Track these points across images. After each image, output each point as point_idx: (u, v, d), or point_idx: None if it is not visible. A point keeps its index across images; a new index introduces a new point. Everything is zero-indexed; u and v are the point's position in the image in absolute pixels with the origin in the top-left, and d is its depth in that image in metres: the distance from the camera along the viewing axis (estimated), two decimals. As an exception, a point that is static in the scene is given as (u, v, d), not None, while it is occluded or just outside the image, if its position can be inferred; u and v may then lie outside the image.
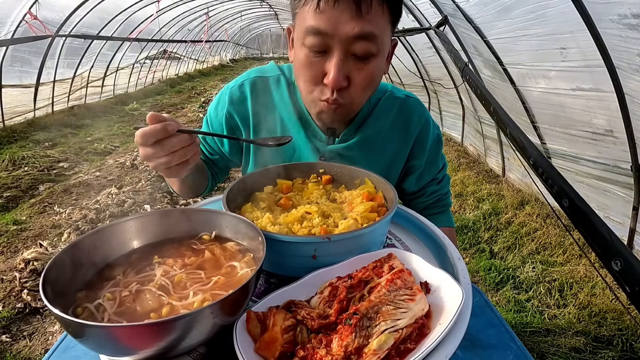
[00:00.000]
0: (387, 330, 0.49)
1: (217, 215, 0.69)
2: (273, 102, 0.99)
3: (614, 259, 0.77)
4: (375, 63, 0.78)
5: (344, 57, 0.75)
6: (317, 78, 0.79)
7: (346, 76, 0.77)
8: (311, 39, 0.74)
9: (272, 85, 0.99)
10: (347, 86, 0.78)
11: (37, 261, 2.58)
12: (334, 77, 0.75)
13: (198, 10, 9.82)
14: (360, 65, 0.77)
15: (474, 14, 2.91)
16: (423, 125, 1.01)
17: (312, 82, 0.80)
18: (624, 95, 1.93)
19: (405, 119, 1.00)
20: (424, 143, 1.02)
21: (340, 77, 0.75)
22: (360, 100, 0.83)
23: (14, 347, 2.04)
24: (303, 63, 0.79)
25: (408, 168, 1.06)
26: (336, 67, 0.74)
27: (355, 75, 0.77)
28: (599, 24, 1.83)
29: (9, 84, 5.23)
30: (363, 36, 0.72)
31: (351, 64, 0.76)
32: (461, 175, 4.19)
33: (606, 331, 2.08)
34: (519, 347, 0.66)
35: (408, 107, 1.01)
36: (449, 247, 0.73)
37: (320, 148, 0.97)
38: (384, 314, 0.51)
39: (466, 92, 4.00)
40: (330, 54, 0.75)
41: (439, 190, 1.10)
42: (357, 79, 0.78)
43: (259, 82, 0.99)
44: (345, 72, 0.76)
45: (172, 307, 0.53)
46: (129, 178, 4.24)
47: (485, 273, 2.62)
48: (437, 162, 1.08)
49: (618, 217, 2.41)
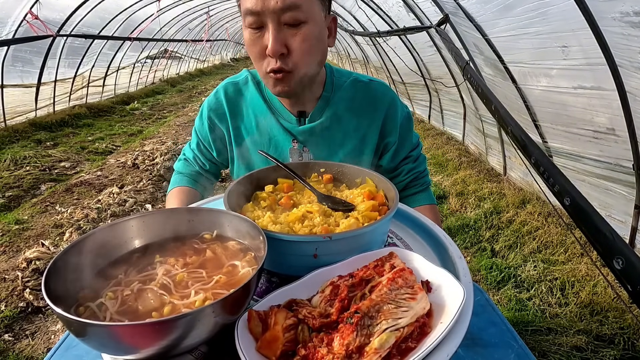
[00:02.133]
0: (389, 329, 0.49)
1: (219, 214, 0.69)
2: (245, 101, 1.09)
3: (616, 258, 0.76)
4: (307, 28, 0.87)
5: (277, 27, 0.85)
6: (262, 52, 0.88)
7: (284, 44, 0.86)
8: (248, 18, 0.86)
9: (242, 87, 1.11)
10: (288, 53, 0.87)
11: (39, 260, 2.59)
12: (272, 44, 0.84)
13: (198, 9, 9.81)
14: (294, 31, 0.86)
15: (475, 12, 2.91)
16: (390, 102, 1.08)
17: (259, 58, 0.89)
18: (626, 93, 1.93)
19: (371, 99, 1.08)
20: (394, 120, 1.09)
21: (277, 44, 0.84)
22: (304, 64, 0.90)
23: (17, 346, 2.05)
24: (249, 43, 0.90)
25: (384, 146, 1.12)
26: (272, 36, 0.84)
27: (292, 41, 0.86)
28: (600, 21, 1.82)
29: (11, 84, 5.24)
30: (287, 7, 0.83)
31: (286, 33, 0.86)
32: (462, 174, 4.19)
33: (608, 330, 2.07)
34: (520, 345, 0.66)
35: (372, 88, 1.09)
36: (450, 246, 0.73)
37: (291, 130, 1.06)
38: (385, 312, 0.51)
39: (467, 91, 3.99)
40: (266, 29, 0.86)
41: (415, 168, 1.15)
42: (294, 44, 0.87)
43: (230, 87, 1.11)
44: (281, 40, 0.85)
45: (174, 306, 0.53)
46: (130, 177, 4.25)
47: (486, 272, 2.61)
48: (410, 139, 1.14)
49: (620, 215, 2.41)
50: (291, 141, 1.06)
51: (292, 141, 1.06)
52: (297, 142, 1.06)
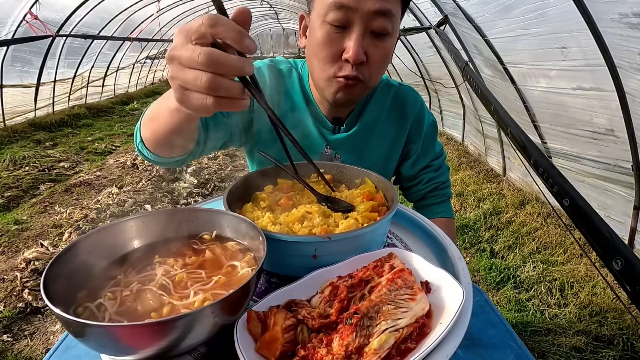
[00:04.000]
0: (388, 329, 0.49)
1: (218, 214, 0.69)
2: (286, 90, 1.02)
3: (615, 259, 0.76)
4: (390, 42, 0.82)
5: (363, 33, 0.78)
6: (336, 55, 0.81)
7: (364, 52, 0.79)
8: (334, 13, 0.77)
9: (286, 75, 1.03)
10: (366, 62, 0.81)
11: (38, 261, 2.59)
12: (355, 49, 0.77)
13: (198, 9, 9.81)
14: (377, 42, 0.80)
15: (475, 13, 2.91)
16: (419, 109, 1.06)
17: (330, 60, 0.82)
18: (625, 94, 1.93)
19: (401, 104, 1.05)
20: (420, 126, 1.07)
21: (360, 50, 0.78)
22: (376, 78, 0.86)
23: (15, 346, 2.05)
24: (323, 40, 0.81)
25: (406, 152, 1.10)
26: (357, 41, 0.77)
27: (373, 52, 0.80)
28: (599, 23, 1.82)
29: (10, 84, 5.24)
30: (383, 12, 0.76)
31: (369, 41, 0.80)
32: (462, 174, 4.19)
33: (607, 330, 2.08)
34: (519, 346, 0.66)
35: (403, 92, 1.06)
36: (450, 246, 0.73)
37: (326, 136, 1.02)
38: (384, 313, 0.51)
39: (467, 92, 4.00)
40: (350, 30, 0.79)
41: (436, 178, 1.13)
42: (375, 56, 0.81)
43: (274, 70, 1.02)
44: (364, 47, 0.79)
45: (173, 307, 0.53)
46: (130, 178, 4.25)
47: (485, 272, 2.62)
48: (433, 148, 1.12)
49: (619, 216, 2.41)
50: (324, 147, 1.02)
51: (325, 147, 1.02)
52: (329, 148, 1.03)
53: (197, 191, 3.95)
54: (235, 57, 0.46)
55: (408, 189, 1.18)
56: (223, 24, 0.45)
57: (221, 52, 0.45)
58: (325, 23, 0.79)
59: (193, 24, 0.45)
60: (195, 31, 0.45)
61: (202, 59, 0.44)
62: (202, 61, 0.44)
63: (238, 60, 0.46)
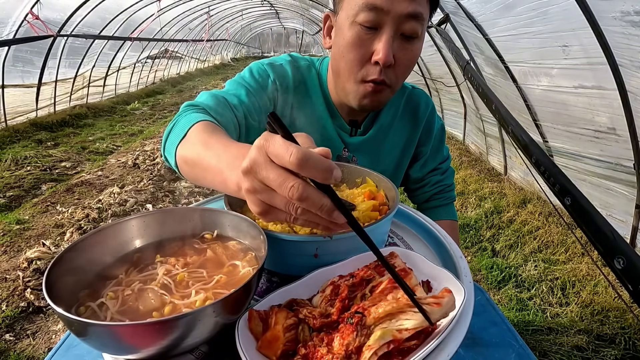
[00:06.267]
0: (387, 328, 0.49)
1: (219, 214, 0.69)
2: (307, 86, 0.99)
3: (617, 257, 0.76)
4: (418, 46, 0.82)
5: (394, 35, 0.77)
6: (365, 57, 0.80)
7: (393, 55, 0.78)
8: (365, 14, 0.76)
9: (305, 73, 0.99)
10: (393, 65, 0.80)
11: (40, 260, 2.59)
12: (385, 51, 0.76)
13: (199, 9, 9.82)
14: (407, 45, 0.80)
15: (476, 12, 2.90)
16: (430, 112, 1.08)
17: (358, 62, 0.80)
18: (627, 92, 1.93)
19: (413, 107, 1.06)
20: (430, 130, 1.09)
21: (390, 52, 0.77)
22: (401, 82, 0.86)
23: (18, 345, 2.06)
24: (352, 41, 0.79)
25: (416, 154, 1.11)
26: (387, 43, 0.76)
27: (401, 55, 0.80)
28: (601, 21, 1.82)
29: (11, 84, 5.25)
30: (414, 15, 0.76)
31: (398, 43, 0.79)
32: (463, 173, 4.18)
33: (608, 329, 2.07)
34: (521, 345, 0.66)
35: (415, 96, 1.07)
36: (451, 245, 0.73)
37: (344, 139, 1.01)
38: (386, 313, 0.51)
39: (468, 90, 3.99)
40: (380, 32, 0.77)
41: (443, 181, 1.15)
42: (403, 60, 0.80)
43: (294, 67, 0.98)
44: (393, 50, 0.78)
45: (174, 306, 0.53)
46: (131, 177, 4.25)
47: (487, 271, 2.61)
48: (441, 151, 1.14)
49: (620, 215, 2.40)
50: (342, 149, 1.02)
51: (343, 149, 1.02)
52: (347, 150, 1.03)
53: (199, 190, 3.95)
54: (327, 200, 0.42)
55: (414, 191, 1.20)
56: (312, 166, 0.39)
57: (314, 189, 0.41)
58: (356, 24, 0.78)
59: (278, 150, 0.40)
60: (281, 160, 0.40)
61: (295, 194, 0.40)
62: (294, 196, 0.41)
63: (330, 204, 0.42)
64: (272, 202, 0.44)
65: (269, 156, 0.41)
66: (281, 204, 0.43)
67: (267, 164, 0.41)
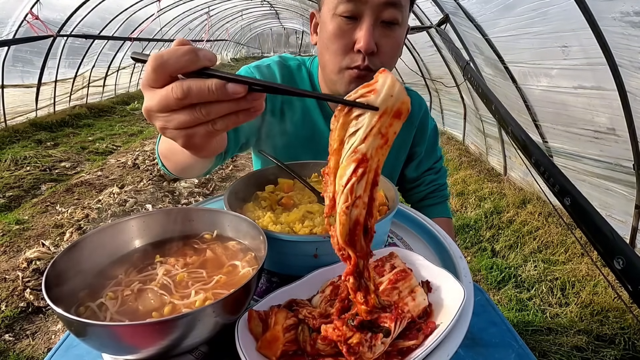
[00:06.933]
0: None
1: (219, 214, 0.69)
2: (296, 84, 1.02)
3: (616, 258, 0.76)
4: (400, 32, 0.84)
5: (374, 23, 0.80)
6: (348, 46, 0.82)
7: (375, 42, 0.81)
8: (344, 5, 0.79)
9: (295, 73, 1.02)
10: (377, 52, 0.82)
11: (40, 260, 2.59)
12: (365, 39, 0.79)
13: (199, 9, 9.82)
14: (388, 32, 0.82)
15: (476, 12, 2.91)
16: (423, 114, 1.11)
17: (342, 51, 0.83)
18: (626, 93, 1.93)
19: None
20: (424, 131, 1.12)
21: (371, 40, 0.79)
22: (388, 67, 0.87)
23: (17, 346, 2.05)
24: (334, 33, 0.82)
25: (410, 154, 1.14)
26: (367, 31, 0.79)
27: (384, 42, 0.82)
28: (601, 21, 1.82)
29: (11, 84, 5.25)
30: (392, 3, 0.78)
31: (379, 31, 0.81)
32: (463, 174, 4.18)
33: (608, 330, 2.07)
34: (520, 345, 0.66)
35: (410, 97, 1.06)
36: (451, 246, 0.73)
37: None
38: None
39: (467, 91, 3.99)
40: (360, 21, 0.80)
41: (437, 180, 1.18)
42: (385, 46, 0.82)
43: (283, 67, 1.02)
44: (375, 38, 0.80)
45: (174, 306, 0.53)
46: (131, 177, 4.25)
47: (486, 272, 2.61)
48: (435, 151, 1.18)
49: (620, 215, 2.40)
50: None
51: None
52: None
53: (198, 191, 3.95)
54: (212, 79, 0.40)
55: (409, 191, 1.23)
56: (171, 59, 0.39)
57: (192, 79, 0.40)
58: (336, 16, 0.81)
59: (145, 77, 0.41)
60: (150, 82, 0.41)
61: (177, 93, 0.40)
62: (178, 95, 0.40)
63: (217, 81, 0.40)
64: (181, 122, 0.42)
65: (146, 90, 0.42)
66: (186, 117, 0.41)
67: (149, 96, 0.41)
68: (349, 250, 0.42)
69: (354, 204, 0.41)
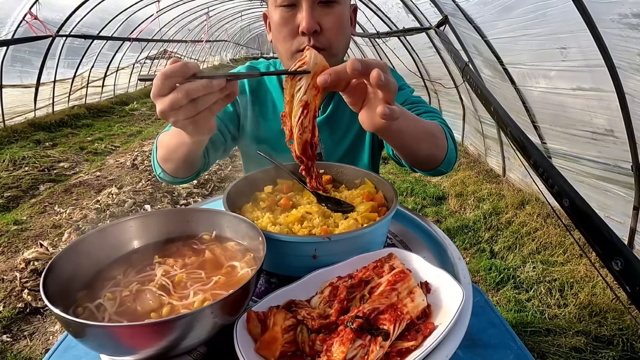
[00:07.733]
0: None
1: (218, 215, 0.69)
2: (265, 84, 1.10)
3: (615, 259, 0.76)
4: (340, 9, 0.90)
5: (312, 5, 0.87)
6: (293, 31, 0.89)
7: (317, 22, 0.87)
8: None
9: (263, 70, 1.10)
10: (321, 31, 0.89)
11: (38, 261, 2.58)
12: (306, 20, 0.86)
13: (198, 10, 9.81)
14: (327, 10, 0.89)
15: (474, 14, 2.91)
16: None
17: (289, 37, 0.90)
18: (625, 94, 1.93)
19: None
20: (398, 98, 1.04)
21: (312, 20, 0.86)
22: (336, 45, 0.92)
23: (15, 346, 2.05)
24: (279, 22, 0.90)
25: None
26: (307, 12, 0.86)
27: (325, 20, 0.88)
28: (599, 23, 1.82)
29: (10, 84, 5.24)
30: None
31: (319, 11, 0.88)
32: (461, 175, 4.19)
33: (607, 331, 2.07)
34: (519, 346, 0.66)
35: None
36: (450, 247, 0.73)
37: None
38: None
39: (466, 92, 4.00)
40: (299, 6, 0.88)
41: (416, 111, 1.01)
42: (328, 23, 0.89)
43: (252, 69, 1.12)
44: (315, 18, 0.87)
45: (173, 307, 0.53)
46: (130, 178, 4.24)
47: (485, 273, 2.61)
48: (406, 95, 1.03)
49: (618, 216, 2.41)
50: None
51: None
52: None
53: (197, 191, 3.94)
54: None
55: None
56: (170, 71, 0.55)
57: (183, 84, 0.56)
58: (278, 7, 0.89)
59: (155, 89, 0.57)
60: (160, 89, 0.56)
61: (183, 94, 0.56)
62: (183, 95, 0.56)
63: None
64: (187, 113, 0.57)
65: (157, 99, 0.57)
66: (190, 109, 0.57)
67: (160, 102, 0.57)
68: (302, 157, 0.69)
69: (304, 131, 0.65)
